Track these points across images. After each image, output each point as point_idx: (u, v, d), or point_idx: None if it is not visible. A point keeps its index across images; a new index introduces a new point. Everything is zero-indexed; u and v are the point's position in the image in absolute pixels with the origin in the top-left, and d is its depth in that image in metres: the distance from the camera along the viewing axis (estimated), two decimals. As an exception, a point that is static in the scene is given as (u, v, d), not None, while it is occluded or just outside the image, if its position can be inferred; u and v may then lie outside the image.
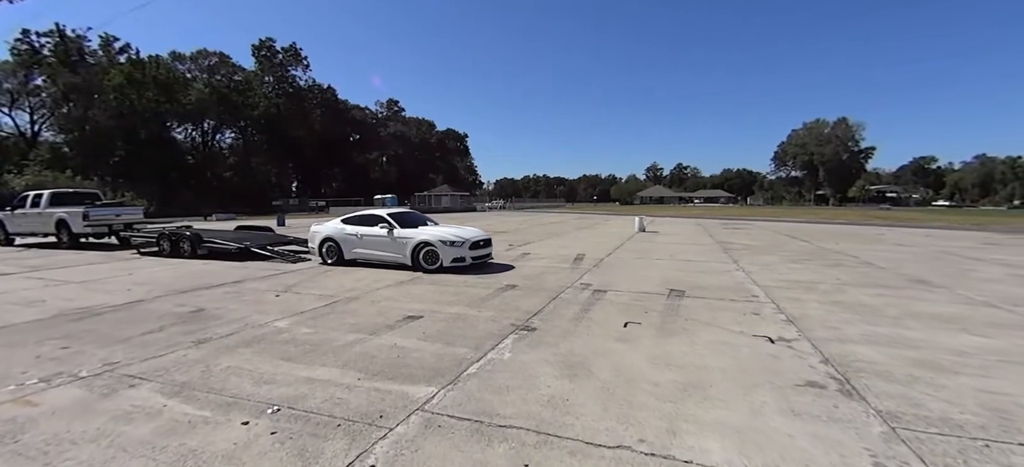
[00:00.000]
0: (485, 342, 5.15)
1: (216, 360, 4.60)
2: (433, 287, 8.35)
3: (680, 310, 6.63)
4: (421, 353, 4.79)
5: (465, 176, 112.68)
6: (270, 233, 15.00)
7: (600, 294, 7.72)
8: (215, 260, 12.08)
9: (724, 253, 13.68)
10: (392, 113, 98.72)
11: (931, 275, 9.76)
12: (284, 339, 5.29)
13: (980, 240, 18.80)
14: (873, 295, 7.76)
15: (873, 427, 3.29)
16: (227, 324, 5.94)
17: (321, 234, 11.09)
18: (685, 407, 3.57)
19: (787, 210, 64.84)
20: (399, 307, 6.83)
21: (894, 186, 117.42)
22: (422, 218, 11.57)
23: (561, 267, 10.84)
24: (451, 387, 3.93)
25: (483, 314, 6.40)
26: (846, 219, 36.56)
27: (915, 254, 13.71)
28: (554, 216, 43.11)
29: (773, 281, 8.95)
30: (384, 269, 10.33)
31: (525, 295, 7.66)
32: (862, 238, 19.25)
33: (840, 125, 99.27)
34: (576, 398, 3.71)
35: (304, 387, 3.92)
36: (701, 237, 19.39)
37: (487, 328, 5.70)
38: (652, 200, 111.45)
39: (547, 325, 5.85)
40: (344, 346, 5.01)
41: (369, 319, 6.15)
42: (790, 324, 5.92)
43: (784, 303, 7.09)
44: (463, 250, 9.88)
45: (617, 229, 24.40)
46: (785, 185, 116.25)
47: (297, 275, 9.81)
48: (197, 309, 6.79)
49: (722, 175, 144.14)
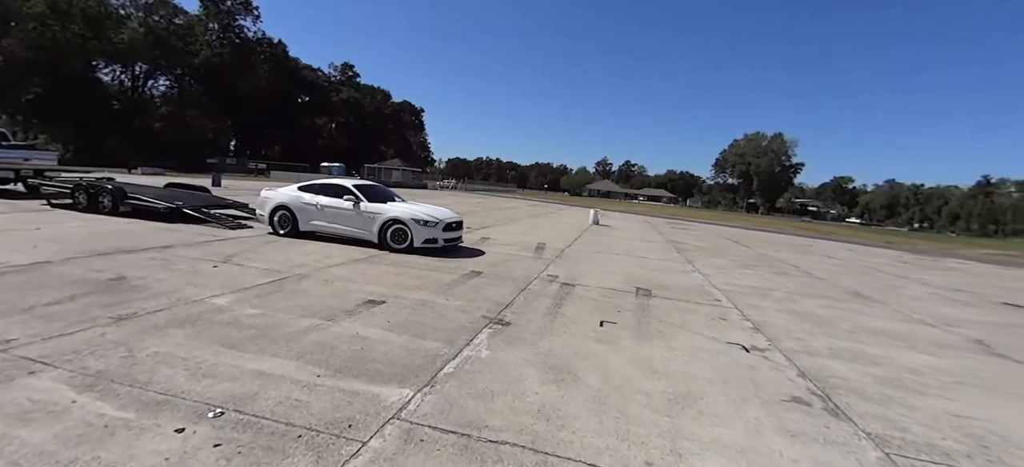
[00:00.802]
0: (458, 336, 4.74)
1: (141, 343, 3.87)
2: (393, 269, 7.77)
3: (651, 310, 6.54)
4: (388, 346, 4.30)
5: (418, 152, 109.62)
6: (206, 194, 13.55)
7: (569, 288, 7.50)
8: (140, 220, 10.68)
9: (677, 253, 14.00)
10: (346, 78, 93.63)
11: (866, 290, 10.42)
12: (225, 320, 4.59)
13: (894, 258, 20.65)
14: (823, 306, 8.11)
15: (868, 452, 3.25)
16: (155, 298, 5.11)
17: (273, 201, 10.06)
18: (682, 422, 3.38)
19: (723, 215, 68.73)
20: (357, 289, 6.23)
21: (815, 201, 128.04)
22: (390, 193, 10.85)
23: (524, 255, 10.56)
24: (428, 390, 3.50)
25: (451, 303, 5.97)
26: (777, 228, 39.17)
27: (845, 267, 14.73)
28: (507, 201, 42.85)
29: (730, 285, 9.16)
30: (335, 243, 9.56)
31: (492, 284, 7.28)
32: (795, 248, 20.53)
33: (776, 140, 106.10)
34: (568, 408, 3.41)
35: (253, 383, 3.34)
36: (652, 234, 19.85)
37: (458, 320, 5.28)
38: (600, 194, 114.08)
39: (521, 319, 5.52)
40: (298, 333, 4.41)
41: (324, 302, 5.53)
42: (758, 332, 5.98)
43: (746, 309, 7.21)
44: (437, 231, 9.32)
45: (572, 220, 24.52)
46: (722, 191, 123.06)
47: (237, 244, 8.82)
48: (117, 277, 5.83)
49: (666, 175, 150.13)
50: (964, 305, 9.75)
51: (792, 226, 47.93)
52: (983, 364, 5.63)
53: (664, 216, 42.02)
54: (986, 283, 14.08)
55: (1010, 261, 25.62)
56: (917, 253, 25.25)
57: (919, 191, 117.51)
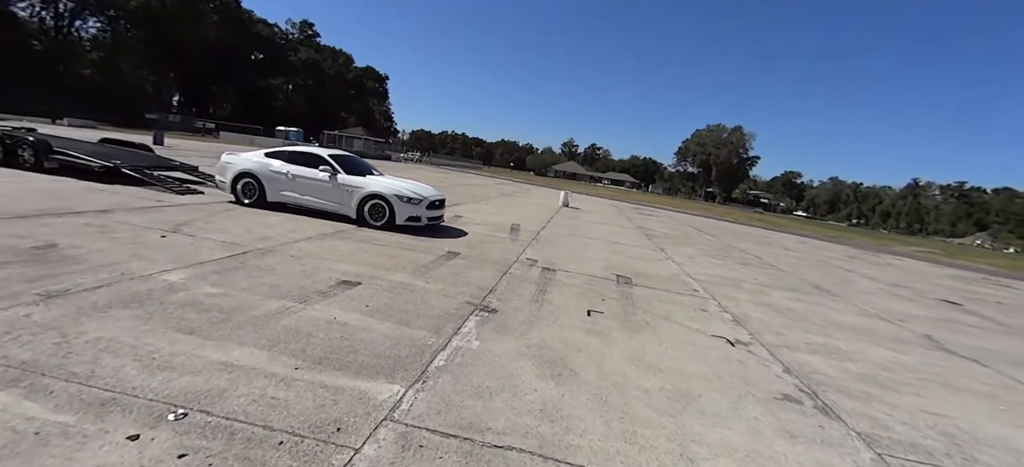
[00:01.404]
0: (444, 324, 4.43)
1: (78, 327, 3.33)
2: (366, 246, 7.30)
3: (634, 300, 6.46)
4: (370, 334, 3.95)
5: (381, 121, 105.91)
6: (149, 153, 12.34)
7: (550, 273, 7.32)
8: (70, 178, 9.54)
9: (648, 240, 14.16)
10: (305, 37, 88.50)
11: (825, 283, 10.90)
12: (181, 301, 4.07)
13: (841, 252, 21.92)
14: (791, 299, 8.36)
15: (862, 453, 3.26)
16: (93, 272, 4.48)
17: (236, 167, 9.18)
18: (686, 423, 3.27)
19: (683, 202, 70.93)
20: (329, 268, 5.77)
21: (767, 193, 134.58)
22: (368, 165, 10.21)
23: (499, 237, 10.28)
24: (420, 386, 3.20)
25: (433, 286, 5.63)
26: (734, 218, 40.78)
27: (801, 260, 15.43)
28: (475, 178, 42.18)
29: (704, 275, 9.29)
30: (300, 215, 8.91)
31: (472, 266, 6.98)
32: (755, 239, 21.35)
33: (736, 132, 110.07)
34: (571, 408, 3.22)
35: (220, 377, 2.93)
36: (621, 220, 20.05)
37: (442, 305, 4.97)
38: (565, 175, 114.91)
39: (507, 306, 5.28)
40: (267, 317, 3.97)
41: (294, 281, 5.06)
42: (739, 325, 6.02)
43: (723, 300, 7.30)
44: (420, 209, 8.85)
45: (542, 201, 24.39)
46: (682, 179, 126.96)
47: (188, 211, 8.03)
48: (46, 245, 5.09)
49: (630, 160, 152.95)
50: (908, 300, 10.37)
51: (747, 217, 50.10)
52: (938, 359, 5.93)
53: (629, 201, 42.75)
54: (920, 280, 15.13)
55: (935, 259, 27.87)
56: (858, 248, 26.96)
57: (858, 189, 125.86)
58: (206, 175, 12.03)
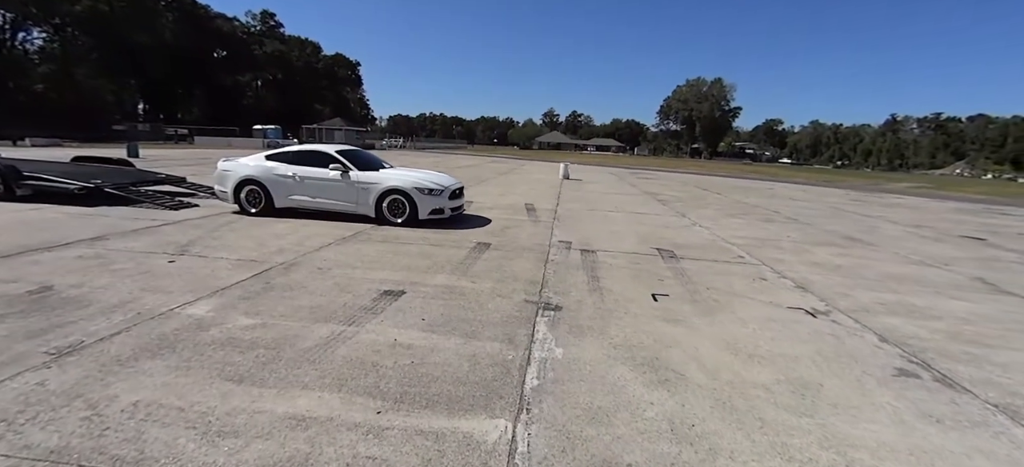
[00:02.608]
0: (515, 331, 3.97)
1: (107, 390, 2.79)
2: (390, 247, 6.74)
3: (689, 276, 6.06)
4: (442, 354, 3.46)
5: (356, 109, 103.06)
6: (130, 168, 11.43)
7: (590, 255, 6.87)
8: (47, 204, 8.72)
9: (663, 205, 13.78)
10: (267, 29, 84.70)
11: (853, 232, 10.66)
12: (216, 339, 3.53)
13: (845, 196, 21.88)
14: (835, 254, 8.05)
15: (1014, 430, 2.92)
16: (104, 314, 3.89)
17: (237, 174, 8.47)
18: (827, 422, 2.88)
19: (672, 161, 70.79)
20: (363, 277, 5.23)
21: (750, 144, 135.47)
22: (377, 159, 9.55)
23: (519, 219, 9.77)
24: (526, 417, 2.75)
25: (481, 286, 5.14)
26: (728, 172, 40.69)
27: (816, 209, 15.21)
28: (464, 158, 41.25)
29: (738, 238, 8.94)
30: (309, 220, 8.29)
31: (509, 257, 6.49)
32: (758, 192, 21.14)
33: (716, 85, 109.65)
34: (700, 422, 2.79)
35: (296, 438, 2.43)
36: (625, 187, 19.63)
37: (501, 308, 4.49)
38: (550, 146, 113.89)
39: (569, 301, 4.82)
40: (321, 348, 3.46)
41: (333, 298, 4.52)
42: (805, 292, 5.67)
43: (774, 265, 6.94)
44: (443, 200, 8.28)
45: (541, 175, 23.83)
46: (667, 137, 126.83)
47: (188, 229, 7.35)
48: (41, 287, 4.45)
49: (613, 125, 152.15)
50: (936, 241, 10.19)
51: (738, 169, 50.10)
52: (1009, 306, 5.67)
53: (621, 166, 42.37)
54: (932, 217, 15.07)
55: (930, 194, 28.15)
56: (857, 190, 27.05)
57: (838, 131, 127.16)
58: (196, 185, 11.23)
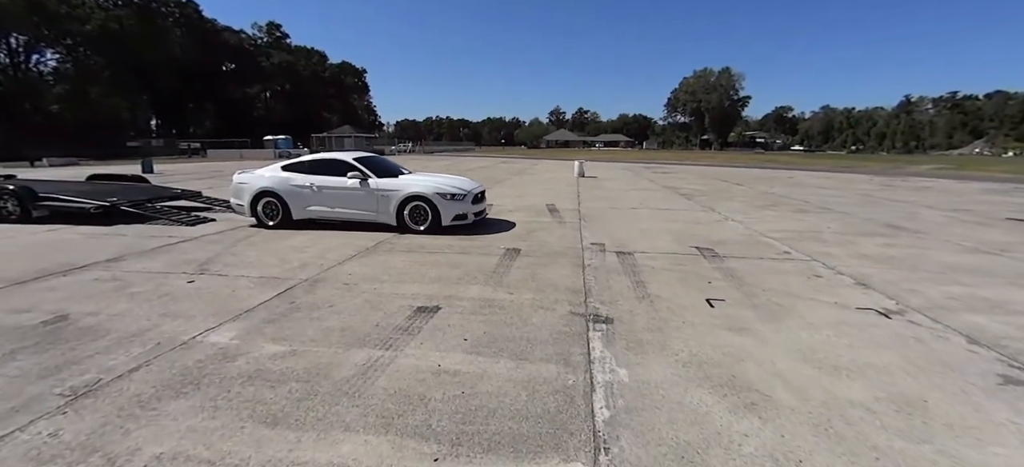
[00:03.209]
0: (568, 348, 3.60)
1: (127, 440, 2.48)
2: (416, 257, 6.42)
3: (739, 276, 5.64)
4: (493, 381, 3.11)
5: (364, 116, 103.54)
6: (145, 185, 11.27)
7: (627, 258, 6.48)
8: (64, 225, 8.56)
9: (688, 200, 13.31)
10: (274, 40, 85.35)
11: (894, 219, 10.11)
12: (244, 372, 3.21)
13: (871, 181, 21.14)
14: (883, 245, 7.56)
15: None
16: (122, 346, 3.61)
17: (254, 186, 8.28)
18: (949, 447, 2.47)
19: (683, 154, 69.85)
20: (393, 292, 4.90)
21: (761, 132, 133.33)
22: (395, 164, 9.31)
23: (543, 221, 9.40)
24: (606, 459, 2.38)
25: (519, 297, 4.78)
26: (743, 162, 39.89)
27: (845, 197, 14.61)
28: (474, 160, 41.00)
29: (776, 232, 8.47)
30: (328, 230, 8.01)
31: (542, 263, 6.13)
32: (781, 181, 20.50)
33: (724, 74, 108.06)
34: (808, 456, 2.40)
35: (345, 496, 2.09)
36: (643, 182, 19.15)
37: (547, 322, 4.13)
38: (557, 144, 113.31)
39: (618, 311, 4.44)
40: (359, 378, 3.13)
41: (364, 318, 4.19)
42: (867, 289, 5.23)
43: (824, 259, 6.48)
44: (466, 205, 7.99)
45: (555, 174, 23.43)
46: (675, 130, 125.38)
47: (206, 245, 7.10)
48: (56, 316, 4.19)
49: (620, 120, 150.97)
50: (982, 225, 9.61)
51: (752, 159, 49.19)
52: (1098, 294, 5.17)
53: (634, 161, 41.79)
54: (968, 200, 14.39)
55: (956, 175, 27.20)
56: (881, 175, 26.21)
57: (851, 114, 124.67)
58: (211, 199, 11.05)
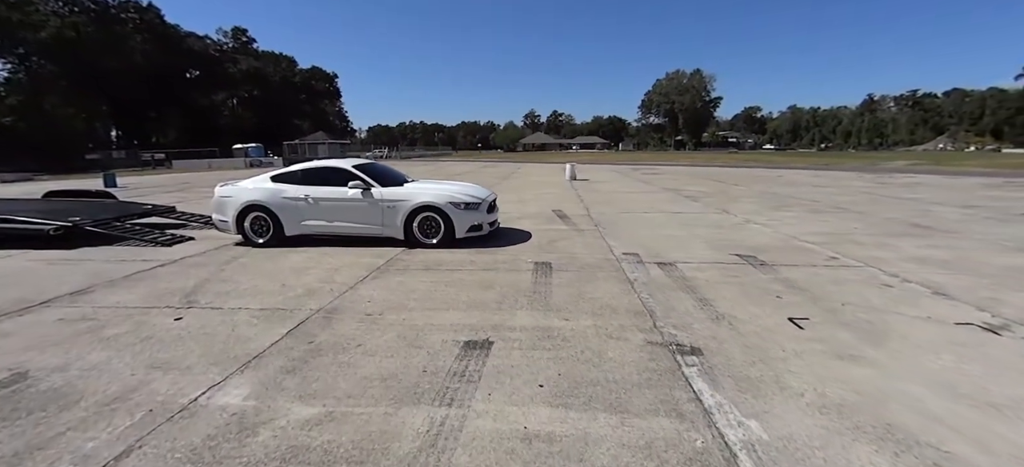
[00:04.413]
0: (669, 392, 2.95)
1: None
2: (437, 276, 5.67)
3: (802, 287, 5.11)
4: (604, 447, 2.42)
5: (336, 122, 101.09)
6: (112, 201, 10.12)
7: (671, 270, 5.89)
8: (19, 250, 7.44)
9: (694, 202, 12.92)
10: (241, 45, 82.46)
11: (911, 218, 9.89)
12: (271, 451, 2.44)
13: (861, 178, 21.34)
14: (923, 246, 7.20)
15: None
16: (103, 417, 2.77)
17: (239, 199, 7.37)
18: None
19: (660, 154, 70.50)
20: (428, 323, 4.16)
21: (732, 132, 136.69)
22: (397, 172, 8.54)
23: (559, 229, 8.77)
24: None
25: (577, 323, 4.11)
26: (722, 162, 40.29)
27: (848, 195, 14.50)
28: (458, 165, 40.16)
29: (808, 236, 8.06)
30: (327, 247, 7.19)
31: (582, 279, 5.48)
32: (774, 181, 20.43)
33: (696, 76, 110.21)
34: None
35: None
36: (638, 185, 18.77)
37: (625, 356, 3.47)
38: (534, 147, 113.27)
39: (698, 337, 3.81)
40: (426, 453, 2.39)
41: (405, 359, 3.45)
42: (949, 299, 4.76)
43: (876, 264, 6.05)
44: (481, 214, 7.30)
45: (545, 177, 22.91)
46: (649, 131, 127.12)
47: (189, 269, 6.17)
48: (13, 375, 3.30)
49: (594, 122, 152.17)
50: (1005, 222, 9.42)
51: (730, 158, 49.86)
52: None
53: (616, 163, 41.69)
54: (967, 195, 14.48)
55: (930, 170, 27.95)
56: (867, 172, 26.66)
57: (817, 113, 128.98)
58: (187, 215, 10.00)
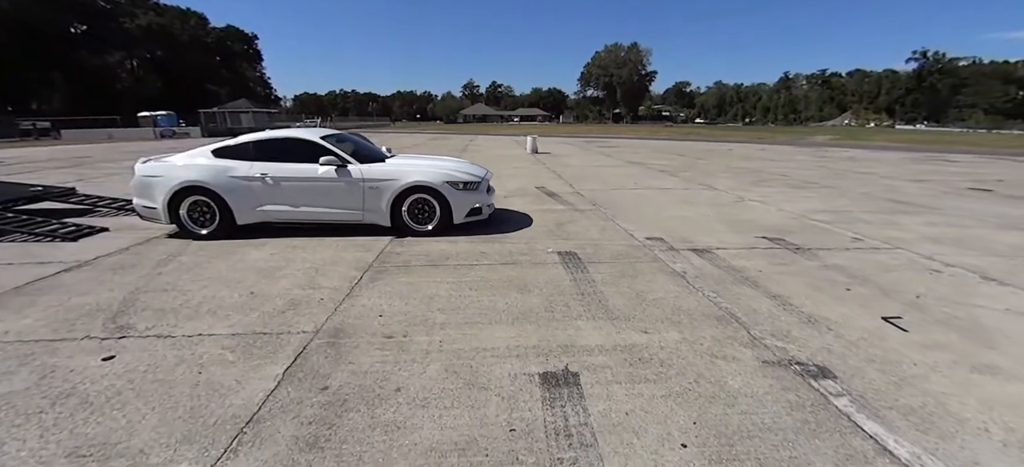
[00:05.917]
0: (846, 438, 2.27)
1: None
2: (450, 275, 4.65)
3: (861, 276, 4.70)
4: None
5: (257, 89, 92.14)
6: (-16, 184, 7.86)
7: (709, 256, 5.29)
8: None
9: (674, 177, 12.64)
10: (139, -3, 71.72)
11: (884, 194, 10.19)
12: None
13: (801, 152, 22.43)
14: (924, 223, 7.22)
15: None
16: None
17: (172, 179, 5.73)
18: None
19: (602, 127, 71.40)
20: (473, 347, 3.19)
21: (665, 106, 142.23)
22: (376, 147, 7.19)
23: (556, 210, 7.94)
24: None
25: (663, 337, 3.33)
26: (666, 135, 41.32)
27: (809, 170, 14.98)
28: (403, 137, 37.72)
29: (811, 214, 7.85)
30: (290, 236, 5.86)
31: (624, 275, 4.70)
32: (730, 155, 20.82)
33: (633, 50, 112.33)
34: None
35: None
36: (604, 159, 18.33)
37: (750, 387, 2.75)
38: (475, 118, 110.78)
39: (809, 351, 3.18)
40: None
41: (474, 413, 2.49)
42: (1001, 284, 4.57)
43: (906, 246, 5.86)
44: (481, 195, 6.28)
45: (505, 151, 21.91)
46: (588, 104, 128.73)
47: (108, 274, 4.64)
48: None
49: (534, 94, 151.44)
50: (962, 197, 9.90)
51: (670, 131, 51.39)
52: None
53: (564, 135, 41.32)
54: (904, 171, 15.50)
55: (850, 144, 30.22)
56: (800, 147, 28.24)
57: (740, 90, 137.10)
58: (93, 198, 8.03)
